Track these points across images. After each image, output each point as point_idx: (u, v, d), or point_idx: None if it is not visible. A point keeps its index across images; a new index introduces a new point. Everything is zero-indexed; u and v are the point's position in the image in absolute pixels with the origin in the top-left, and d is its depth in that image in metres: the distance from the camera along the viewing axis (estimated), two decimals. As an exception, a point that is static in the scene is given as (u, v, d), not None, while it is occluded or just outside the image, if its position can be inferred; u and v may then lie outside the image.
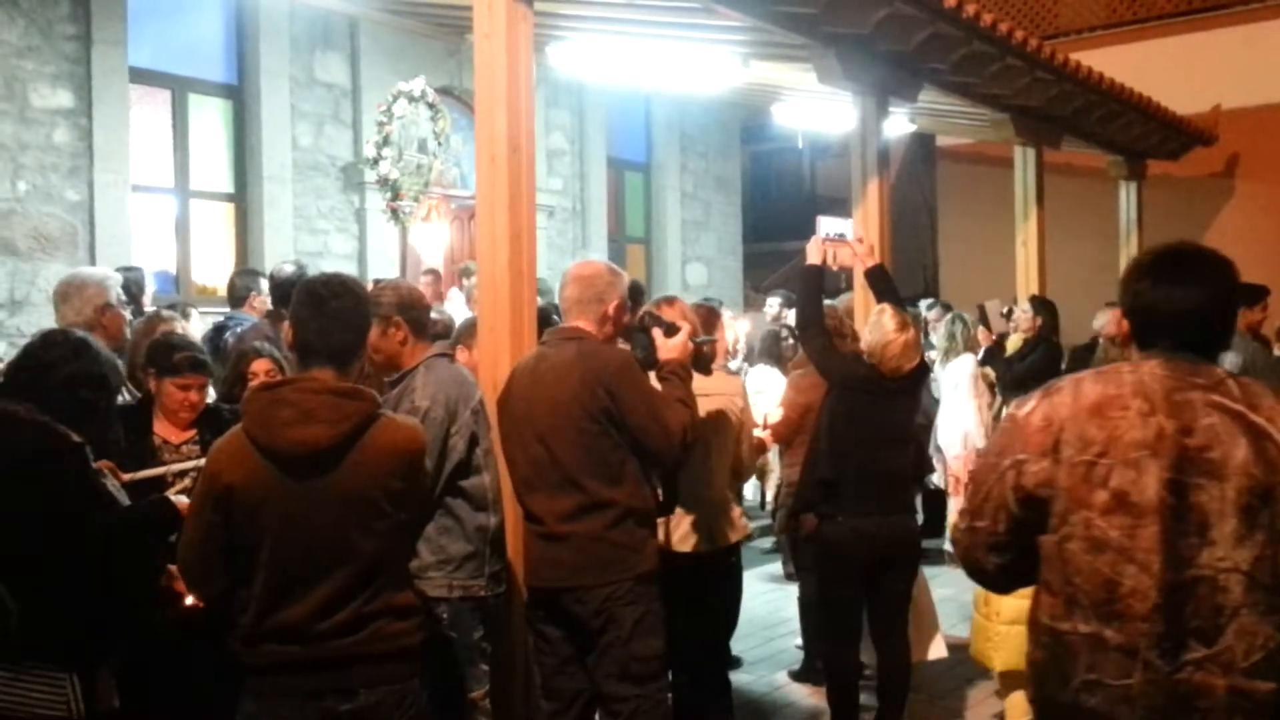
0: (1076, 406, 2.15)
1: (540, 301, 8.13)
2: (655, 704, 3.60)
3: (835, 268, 5.28)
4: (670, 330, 3.74)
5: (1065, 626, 2.12)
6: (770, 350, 7.59)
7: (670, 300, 4.72)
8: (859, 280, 6.02)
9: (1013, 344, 8.69)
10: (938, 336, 8.48)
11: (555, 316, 5.43)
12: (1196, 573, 2.03)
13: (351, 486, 2.71)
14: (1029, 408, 2.23)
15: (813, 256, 5.01)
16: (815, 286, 4.96)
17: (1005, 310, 9.03)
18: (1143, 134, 10.34)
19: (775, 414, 5.48)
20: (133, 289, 6.47)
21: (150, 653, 3.33)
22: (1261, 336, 7.54)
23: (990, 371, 8.34)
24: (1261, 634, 2.02)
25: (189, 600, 3.18)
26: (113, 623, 3.05)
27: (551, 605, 3.62)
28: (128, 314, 4.71)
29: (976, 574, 2.33)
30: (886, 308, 4.74)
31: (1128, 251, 10.96)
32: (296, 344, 2.86)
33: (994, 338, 8.66)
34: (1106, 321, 7.97)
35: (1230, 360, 6.29)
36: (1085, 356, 7.38)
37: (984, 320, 8.91)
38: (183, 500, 3.21)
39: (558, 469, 3.55)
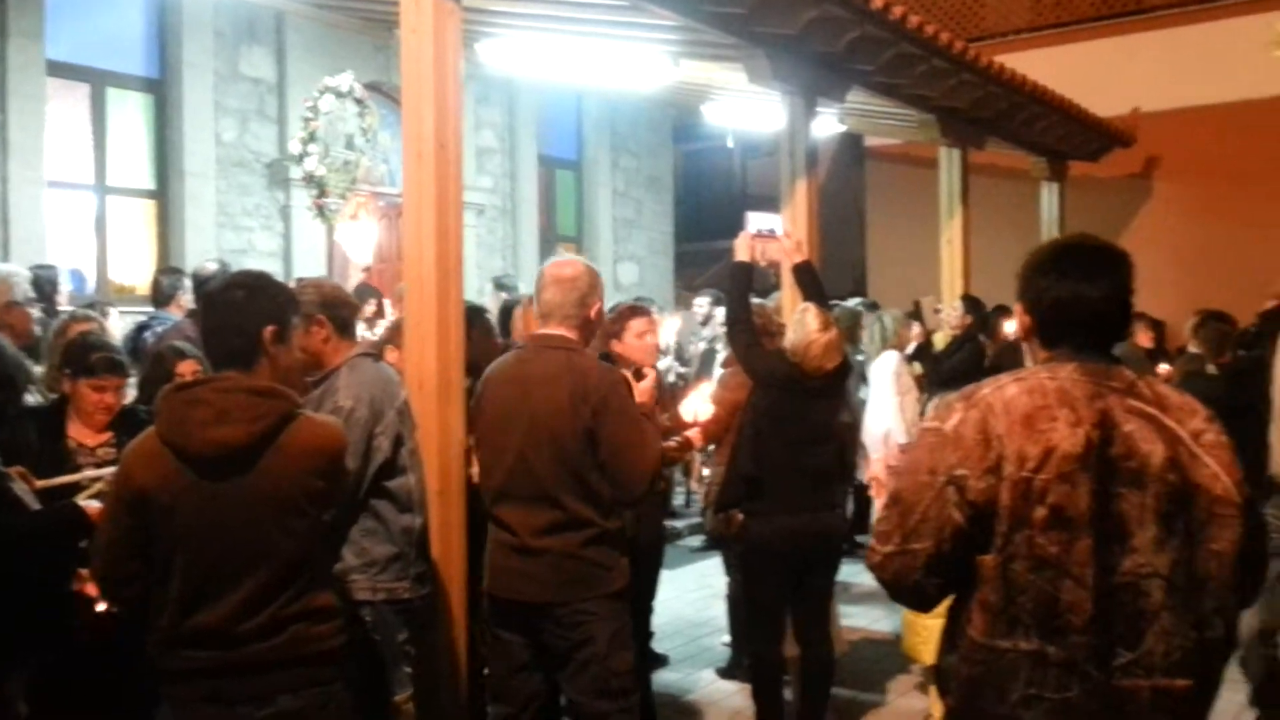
0: (1009, 419, 2.08)
1: (505, 297, 8.13)
2: (631, 715, 3.61)
3: (764, 264, 5.30)
4: (638, 375, 3.73)
5: (1005, 644, 2.08)
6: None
7: (636, 310, 4.72)
8: (788, 278, 6.06)
9: (939, 341, 8.79)
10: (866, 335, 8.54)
11: (489, 315, 5.41)
12: (1120, 580, 2.04)
13: (269, 487, 2.67)
14: (956, 419, 2.14)
15: (741, 253, 5.03)
16: (743, 283, 4.98)
17: (938, 308, 9.12)
18: (1064, 136, 10.54)
19: (705, 411, 5.49)
20: (46, 287, 6.33)
21: (62, 660, 3.24)
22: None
23: (918, 368, 8.42)
24: (1179, 634, 2.05)
25: (101, 606, 3.10)
26: (21, 630, 2.96)
27: (518, 616, 3.59)
28: (37, 312, 4.60)
29: (913, 595, 2.22)
30: (810, 307, 4.77)
31: (1047, 251, 11.15)
32: (204, 344, 2.83)
33: (925, 334, 8.75)
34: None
35: None
36: (1013, 354, 7.49)
37: (918, 316, 9.00)
38: (93, 505, 3.13)
39: (535, 483, 3.51)
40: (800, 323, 4.70)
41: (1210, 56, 11.77)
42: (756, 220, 5.29)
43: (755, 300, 5.86)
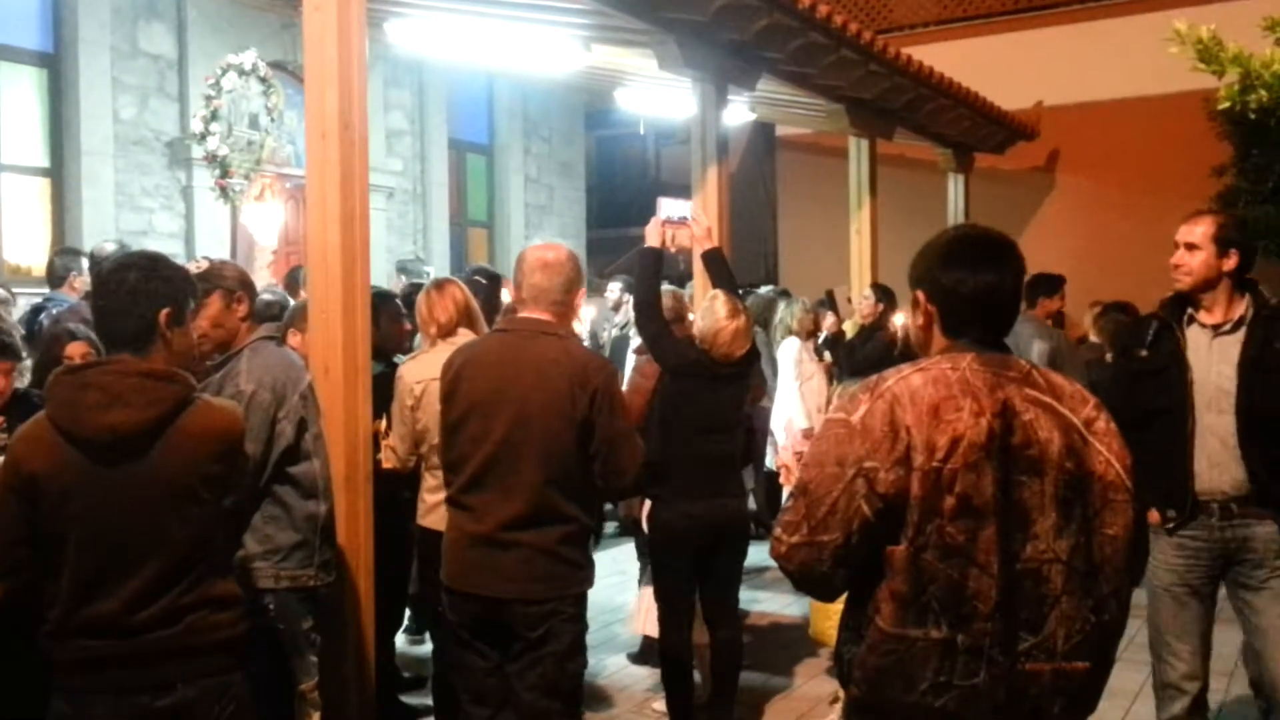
0: (917, 410, 2.09)
1: (406, 281, 8.01)
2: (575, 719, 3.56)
3: (674, 250, 5.29)
4: None
5: (916, 633, 2.09)
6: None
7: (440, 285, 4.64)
8: (698, 264, 6.07)
9: (850, 330, 8.90)
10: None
11: (396, 300, 5.32)
12: (1023, 566, 2.08)
13: (164, 473, 2.61)
14: (862, 410, 2.13)
15: (651, 239, 5.02)
16: (653, 269, 4.98)
17: (851, 296, 9.22)
18: (970, 128, 10.75)
19: None
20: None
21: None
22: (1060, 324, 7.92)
23: (827, 357, 8.52)
24: (1079, 618, 2.10)
25: None
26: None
27: (480, 612, 3.47)
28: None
29: (818, 587, 2.22)
30: (719, 294, 4.79)
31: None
32: (96, 327, 2.76)
33: (839, 324, 8.85)
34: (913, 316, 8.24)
35: (1038, 348, 6.59)
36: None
37: (832, 305, 9.09)
38: None
39: (517, 472, 3.38)
40: (709, 310, 4.71)
41: (1111, 52, 12.07)
42: (668, 206, 5.30)
43: (669, 287, 5.87)
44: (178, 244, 9.53)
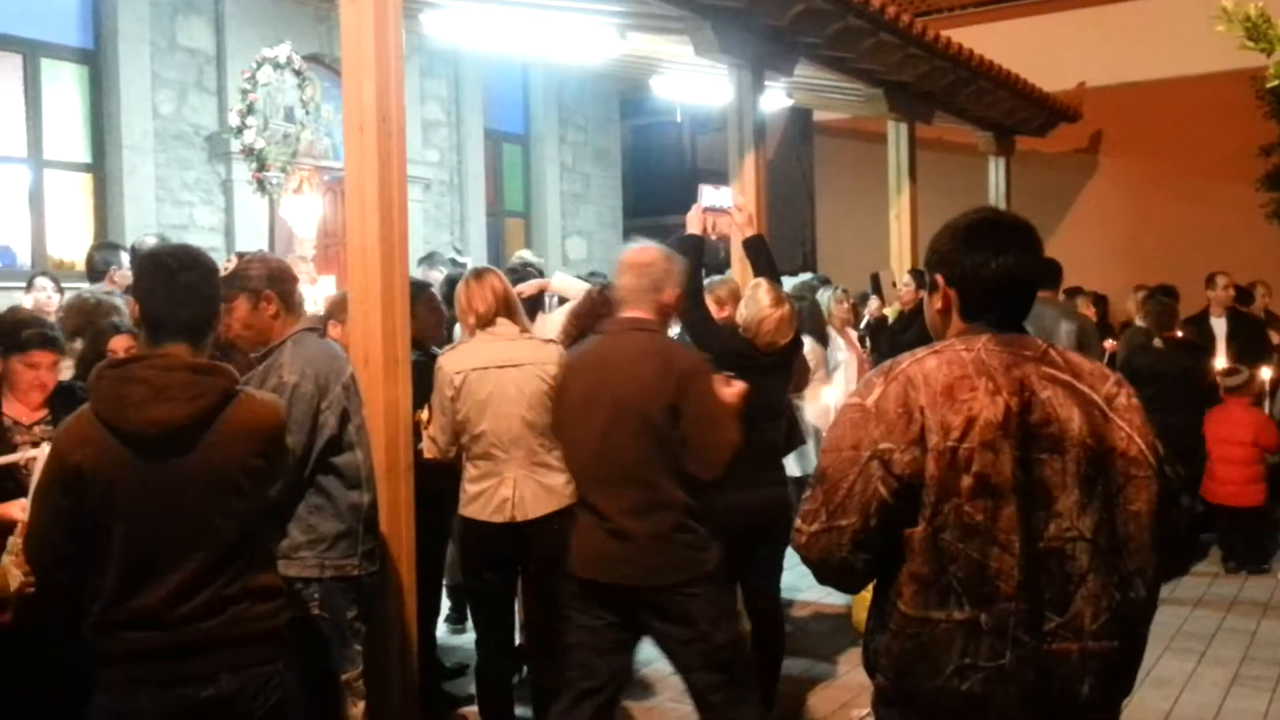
0: (930, 391, 2.10)
1: (436, 274, 8.01)
2: (742, 683, 3.70)
3: (714, 238, 5.27)
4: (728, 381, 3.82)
5: (939, 615, 2.09)
6: (812, 322, 7.48)
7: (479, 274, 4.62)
8: (736, 252, 6.04)
9: (890, 315, 8.81)
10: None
11: (433, 289, 5.32)
12: (1047, 545, 2.07)
13: (209, 466, 2.62)
14: (877, 393, 2.14)
15: (693, 226, 5.00)
16: (695, 257, 4.96)
17: (896, 281, 9.10)
18: (1011, 110, 10.62)
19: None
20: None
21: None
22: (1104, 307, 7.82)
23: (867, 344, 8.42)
24: (1106, 596, 2.08)
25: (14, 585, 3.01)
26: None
27: (611, 599, 3.64)
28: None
29: (841, 574, 2.21)
30: (762, 282, 4.77)
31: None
32: (145, 319, 2.74)
33: (881, 308, 8.75)
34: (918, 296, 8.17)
35: (1065, 329, 6.51)
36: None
37: (877, 290, 9.00)
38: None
39: (621, 463, 3.56)
40: (752, 298, 4.69)
41: (1155, 32, 11.89)
42: (709, 194, 5.26)
43: (724, 276, 5.84)
44: (218, 237, 9.60)
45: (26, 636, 3.11)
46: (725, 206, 5.20)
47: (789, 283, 7.50)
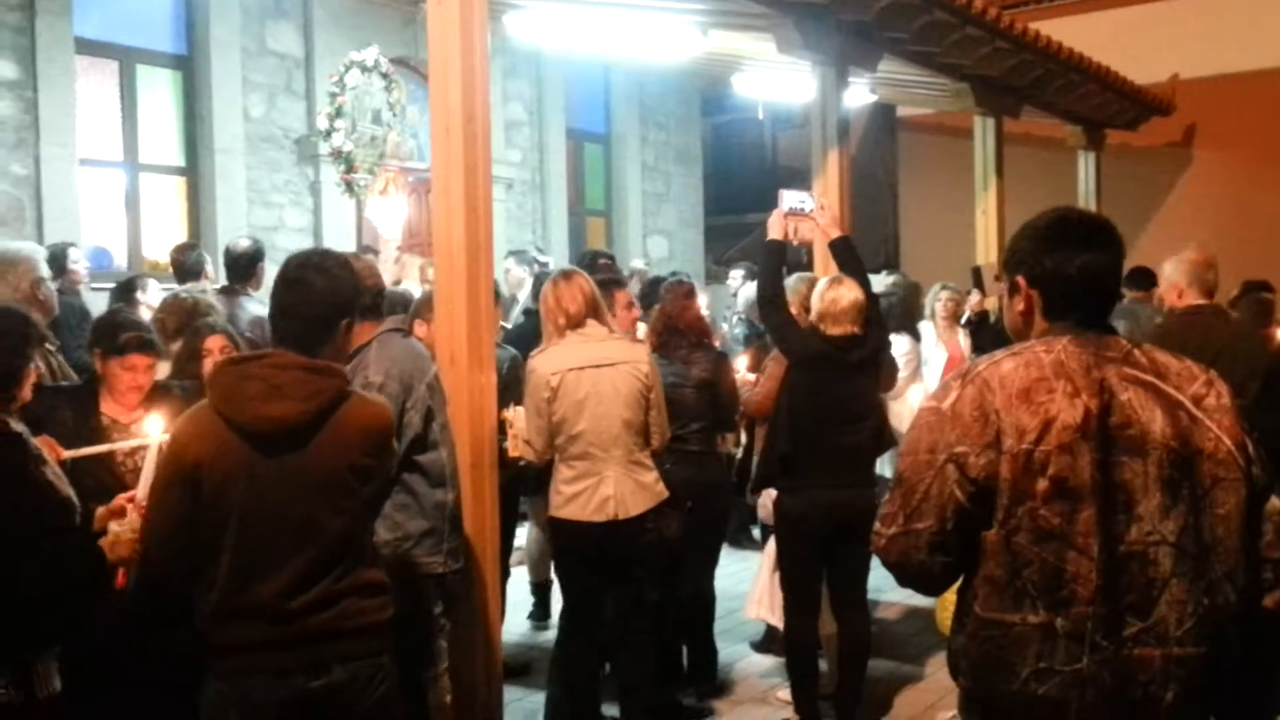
0: (1006, 394, 2.08)
1: (520, 271, 8.07)
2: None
3: (796, 242, 5.23)
4: None
5: (1014, 619, 2.07)
6: (904, 318, 7.46)
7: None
8: (820, 253, 5.98)
9: (993, 308, 8.60)
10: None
11: (504, 291, 5.39)
12: (1127, 549, 2.04)
13: (322, 464, 2.69)
14: (953, 397, 2.13)
15: (774, 231, 4.98)
16: (777, 262, 4.94)
17: (998, 275, 8.86)
18: (1101, 104, 10.39)
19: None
20: (64, 263, 6.37)
21: (96, 636, 3.24)
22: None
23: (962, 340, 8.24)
24: (1191, 601, 2.04)
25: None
26: (49, 612, 2.95)
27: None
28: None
29: (919, 577, 2.20)
30: (829, 276, 4.76)
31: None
32: (271, 316, 2.87)
33: (987, 303, 8.56)
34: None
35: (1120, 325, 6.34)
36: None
37: (979, 284, 8.82)
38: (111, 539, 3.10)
39: None
40: (818, 293, 4.71)
41: (1251, 21, 11.55)
42: (789, 198, 5.22)
43: (805, 274, 5.81)
44: (306, 238, 9.76)
45: (142, 625, 3.18)
46: (807, 210, 5.15)
47: (875, 280, 7.42)
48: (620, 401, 4.31)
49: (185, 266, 6.65)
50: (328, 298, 2.81)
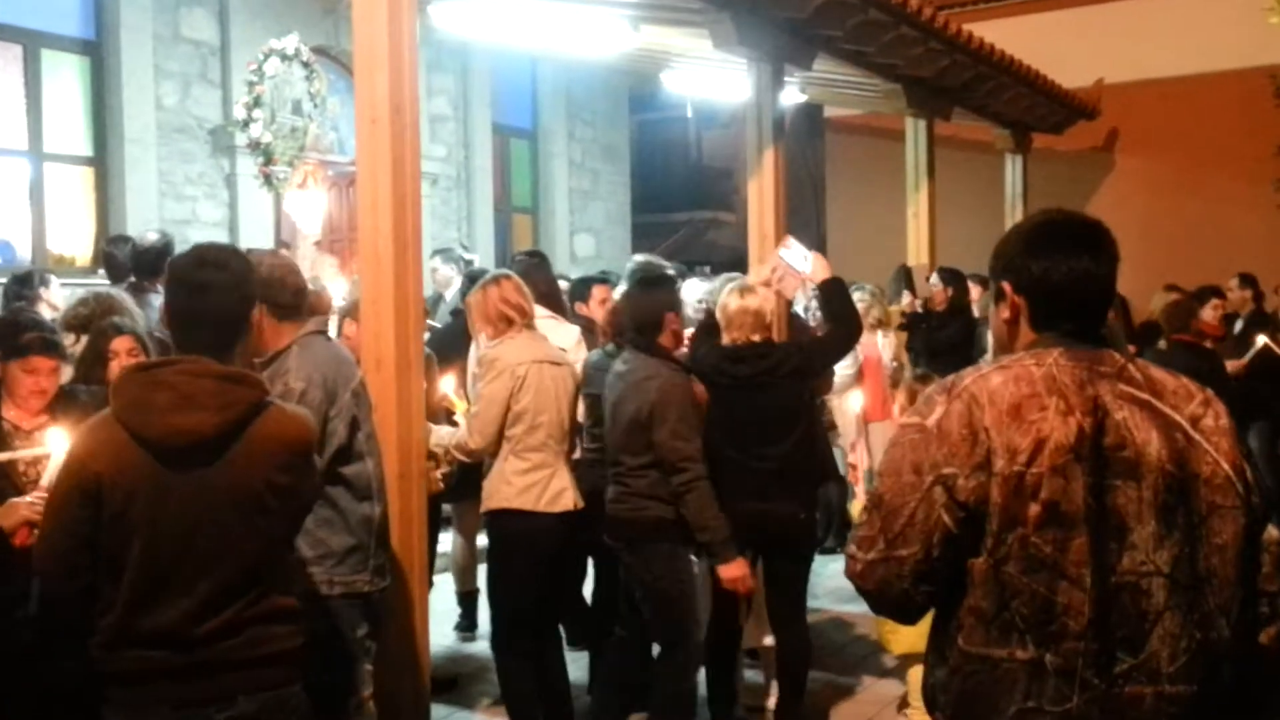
0: (996, 410, 1.93)
1: (448, 270, 7.83)
2: None
3: (774, 290, 5.00)
4: None
5: (1001, 654, 1.93)
6: None
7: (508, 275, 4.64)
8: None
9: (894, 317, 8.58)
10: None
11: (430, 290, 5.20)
12: (1119, 580, 1.91)
13: (235, 480, 2.49)
14: (938, 412, 1.97)
15: (820, 272, 4.78)
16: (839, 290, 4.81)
17: (929, 275, 8.79)
18: (1029, 107, 10.46)
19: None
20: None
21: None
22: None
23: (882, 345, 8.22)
24: (1185, 636, 1.92)
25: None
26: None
27: None
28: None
29: (898, 606, 2.05)
30: (740, 283, 4.69)
31: (1013, 223, 11.12)
32: (171, 324, 2.64)
33: (917, 304, 8.52)
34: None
35: None
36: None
37: (909, 284, 8.78)
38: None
39: None
40: (719, 304, 4.61)
41: (1175, 27, 11.73)
42: (794, 253, 4.89)
43: (706, 288, 5.69)
44: (221, 233, 9.42)
45: (34, 652, 2.97)
46: (805, 271, 4.87)
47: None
48: (568, 401, 4.43)
49: (114, 262, 6.32)
50: (235, 297, 2.60)
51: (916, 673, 4.48)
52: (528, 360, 4.32)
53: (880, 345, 7.75)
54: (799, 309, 7.43)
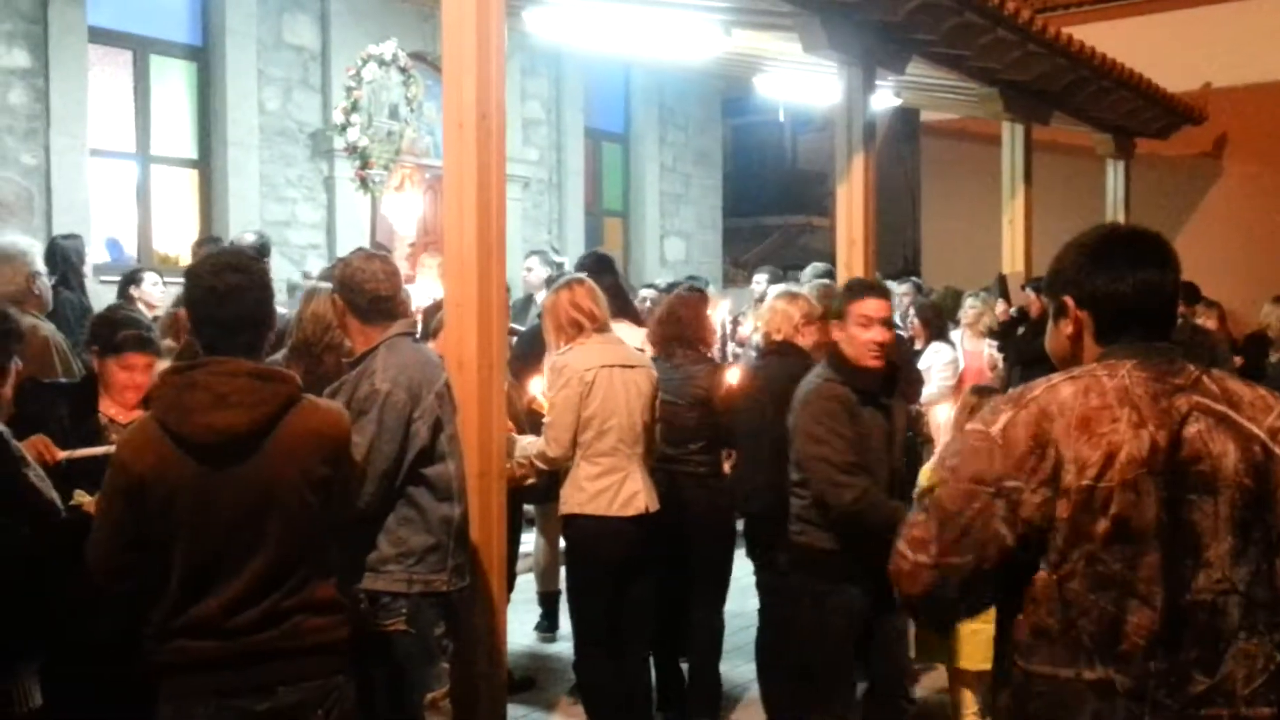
0: (1065, 422, 1.88)
1: (544, 271, 7.89)
2: None
3: None
4: None
5: (1068, 674, 1.88)
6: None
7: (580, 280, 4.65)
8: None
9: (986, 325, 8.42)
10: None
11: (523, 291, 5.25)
12: (1194, 598, 1.85)
13: (271, 474, 2.58)
14: (1004, 420, 1.92)
15: None
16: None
17: (1024, 284, 8.63)
18: (1132, 111, 10.19)
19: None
20: (72, 257, 6.22)
21: (75, 647, 3.11)
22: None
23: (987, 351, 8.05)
24: (1261, 656, 1.86)
25: None
26: (30, 625, 2.83)
27: None
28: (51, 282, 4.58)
29: (939, 615, 2.03)
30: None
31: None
32: (198, 328, 2.70)
33: (1011, 311, 8.35)
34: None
35: None
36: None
37: (1003, 293, 8.62)
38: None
39: None
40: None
41: (1283, 29, 11.31)
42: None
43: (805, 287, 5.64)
44: (319, 234, 9.64)
45: (91, 647, 3.05)
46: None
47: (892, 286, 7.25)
48: (642, 403, 4.42)
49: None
50: (260, 297, 2.69)
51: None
52: (595, 365, 4.34)
53: (986, 355, 7.62)
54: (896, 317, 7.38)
